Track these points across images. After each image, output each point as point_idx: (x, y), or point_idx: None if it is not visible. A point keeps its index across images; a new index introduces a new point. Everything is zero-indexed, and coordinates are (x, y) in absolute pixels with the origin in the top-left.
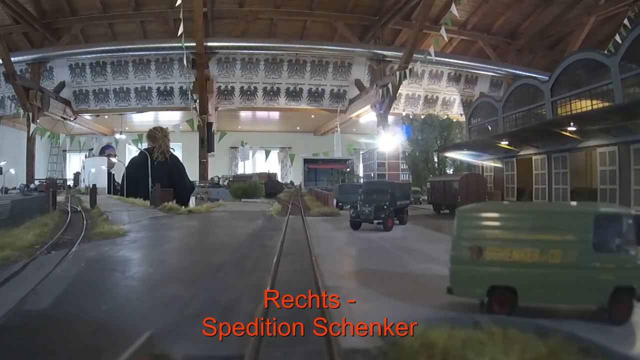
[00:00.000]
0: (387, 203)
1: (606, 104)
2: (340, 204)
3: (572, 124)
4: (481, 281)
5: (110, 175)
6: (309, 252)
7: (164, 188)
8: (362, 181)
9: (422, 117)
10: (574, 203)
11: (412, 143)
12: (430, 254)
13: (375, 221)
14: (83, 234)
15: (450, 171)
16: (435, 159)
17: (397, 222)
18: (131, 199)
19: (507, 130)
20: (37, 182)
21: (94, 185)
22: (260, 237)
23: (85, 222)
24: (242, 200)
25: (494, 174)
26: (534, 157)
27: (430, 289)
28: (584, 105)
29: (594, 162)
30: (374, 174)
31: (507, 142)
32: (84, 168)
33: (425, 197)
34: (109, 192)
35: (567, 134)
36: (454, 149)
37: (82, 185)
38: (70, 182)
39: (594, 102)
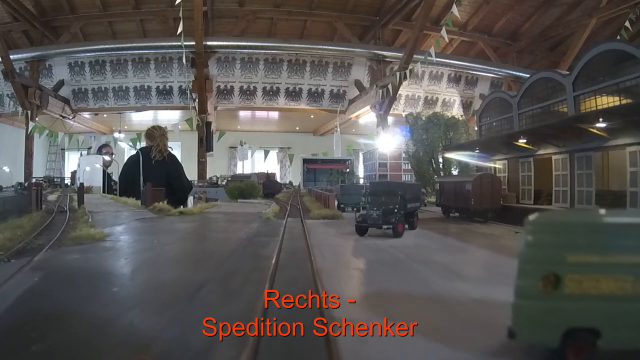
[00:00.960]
0: (397, 206)
1: (636, 99)
2: (342, 205)
3: (601, 119)
4: (556, 322)
5: (105, 174)
6: (310, 266)
7: (156, 187)
8: (362, 181)
9: (423, 117)
10: None
11: (416, 142)
12: (453, 267)
13: (385, 226)
14: (56, 238)
15: (454, 172)
16: (440, 159)
17: (407, 227)
18: (124, 198)
19: (523, 128)
20: (34, 181)
21: (82, 184)
22: (255, 244)
23: (65, 223)
24: (239, 200)
25: (507, 175)
26: (554, 157)
27: (471, 321)
28: (611, 100)
29: (612, 162)
30: (375, 175)
31: (525, 141)
32: (79, 166)
33: (430, 199)
34: (104, 191)
35: (595, 131)
36: (464, 148)
37: (77, 184)
38: (67, 181)
39: (622, 97)
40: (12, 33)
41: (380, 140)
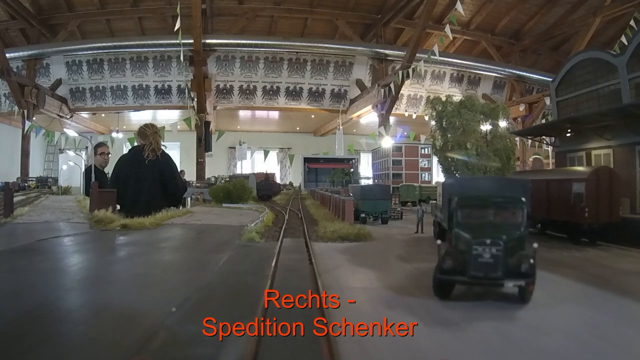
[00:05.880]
0: (522, 230)
1: None
2: (362, 214)
3: None
4: None
5: (90, 173)
6: None
7: (102, 188)
8: (363, 182)
9: (454, 100)
10: None
11: (444, 133)
12: None
13: (511, 283)
14: None
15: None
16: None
17: None
18: (85, 202)
19: (635, 99)
20: (27, 181)
21: (7, 186)
22: (189, 340)
23: None
24: (224, 205)
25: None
26: None
27: None
28: None
29: None
30: (388, 174)
31: None
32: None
33: None
34: (85, 193)
35: None
36: (546, 130)
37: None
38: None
39: None
40: (9, 31)
41: (382, 140)
